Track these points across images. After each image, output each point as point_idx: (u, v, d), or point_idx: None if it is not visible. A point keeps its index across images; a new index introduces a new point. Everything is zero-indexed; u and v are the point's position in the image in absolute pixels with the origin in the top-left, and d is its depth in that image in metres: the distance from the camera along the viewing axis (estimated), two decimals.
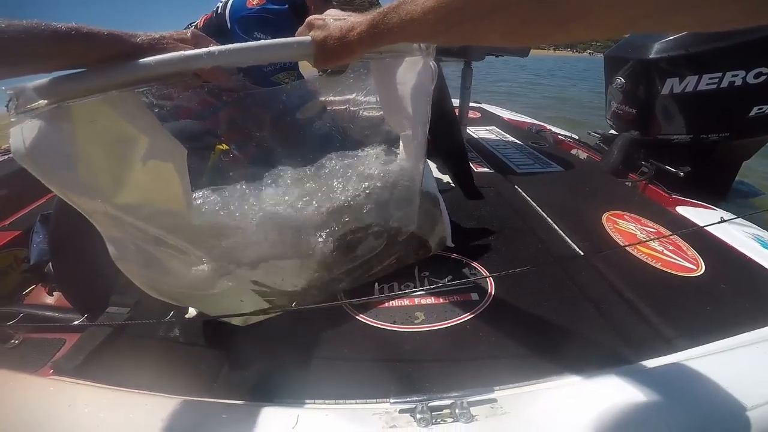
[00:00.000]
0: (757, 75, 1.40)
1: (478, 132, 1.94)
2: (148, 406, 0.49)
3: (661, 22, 0.32)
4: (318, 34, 0.49)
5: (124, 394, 0.52)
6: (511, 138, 1.86)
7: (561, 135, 2.30)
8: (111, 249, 0.52)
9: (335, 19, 0.49)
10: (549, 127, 2.41)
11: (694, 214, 1.15)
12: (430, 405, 0.49)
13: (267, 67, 1.14)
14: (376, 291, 0.76)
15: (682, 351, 0.60)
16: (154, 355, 0.63)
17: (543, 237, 0.93)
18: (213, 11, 1.23)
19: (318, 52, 0.49)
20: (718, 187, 1.79)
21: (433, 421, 0.47)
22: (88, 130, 0.44)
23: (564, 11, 0.32)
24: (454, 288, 0.74)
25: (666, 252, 0.88)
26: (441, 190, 0.88)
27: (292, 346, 0.63)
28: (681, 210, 1.20)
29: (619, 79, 1.74)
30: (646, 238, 0.94)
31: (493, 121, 2.24)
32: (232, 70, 0.85)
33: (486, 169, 1.40)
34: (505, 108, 2.89)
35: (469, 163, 1.26)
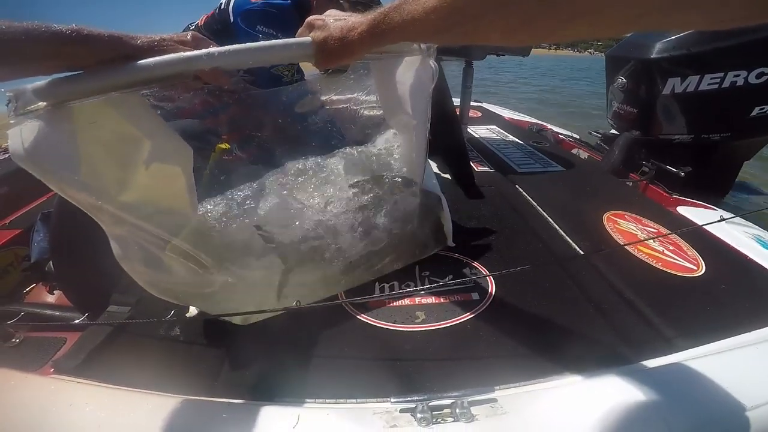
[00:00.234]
0: (759, 75, 1.40)
1: (478, 131, 1.94)
2: (148, 405, 0.49)
3: (662, 20, 0.32)
4: (318, 34, 0.48)
5: (125, 393, 0.52)
6: (511, 137, 1.85)
7: (562, 134, 2.30)
8: (115, 247, 0.52)
9: (335, 20, 0.49)
10: (550, 126, 2.40)
11: (695, 214, 1.15)
12: (430, 404, 0.49)
13: None
14: (376, 290, 0.76)
15: (682, 351, 0.60)
16: (155, 354, 0.63)
17: (543, 237, 0.93)
18: (215, 9, 1.23)
19: (318, 53, 0.49)
20: (719, 187, 1.79)
21: (434, 420, 0.47)
22: (89, 130, 0.44)
23: (565, 10, 0.32)
24: (454, 287, 0.74)
25: (666, 252, 0.88)
26: (441, 189, 0.88)
27: (292, 346, 0.63)
28: (682, 210, 1.20)
29: (621, 79, 1.73)
30: (647, 238, 0.93)
31: (493, 120, 2.23)
32: (232, 71, 0.85)
33: (487, 169, 1.40)
34: (506, 108, 2.89)
35: (470, 163, 1.26)
